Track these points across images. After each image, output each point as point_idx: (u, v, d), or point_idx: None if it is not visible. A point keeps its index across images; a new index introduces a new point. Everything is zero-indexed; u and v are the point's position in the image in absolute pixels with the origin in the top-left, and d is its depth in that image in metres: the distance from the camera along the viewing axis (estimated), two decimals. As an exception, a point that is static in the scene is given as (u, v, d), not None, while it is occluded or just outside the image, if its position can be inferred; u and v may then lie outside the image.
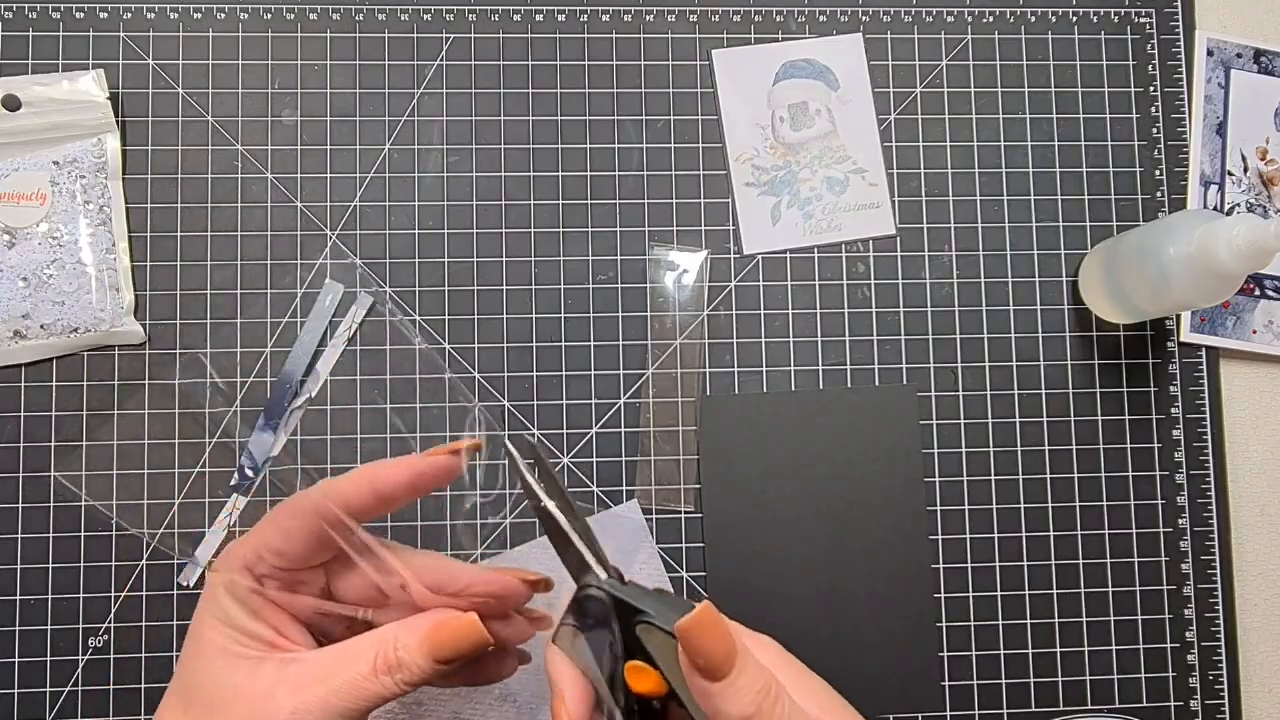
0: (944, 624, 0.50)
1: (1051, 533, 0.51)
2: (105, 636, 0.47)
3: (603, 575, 0.32)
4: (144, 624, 0.47)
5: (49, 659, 0.47)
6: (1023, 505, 0.51)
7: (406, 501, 0.35)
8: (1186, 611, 0.51)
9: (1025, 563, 0.50)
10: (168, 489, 0.48)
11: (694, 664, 0.30)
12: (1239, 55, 0.54)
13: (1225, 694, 0.50)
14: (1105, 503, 0.51)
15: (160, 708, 0.34)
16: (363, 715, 0.33)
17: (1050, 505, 0.51)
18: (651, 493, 0.49)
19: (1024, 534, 0.51)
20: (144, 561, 0.48)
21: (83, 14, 0.50)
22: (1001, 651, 0.50)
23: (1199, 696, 0.50)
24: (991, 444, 0.51)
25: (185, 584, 0.48)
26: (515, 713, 0.46)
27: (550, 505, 0.32)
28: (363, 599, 0.36)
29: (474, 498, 0.49)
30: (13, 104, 0.48)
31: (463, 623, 0.33)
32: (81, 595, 0.47)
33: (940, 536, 0.50)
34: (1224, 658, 0.51)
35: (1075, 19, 0.54)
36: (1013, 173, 0.53)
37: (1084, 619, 0.50)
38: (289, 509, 0.33)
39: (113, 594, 0.48)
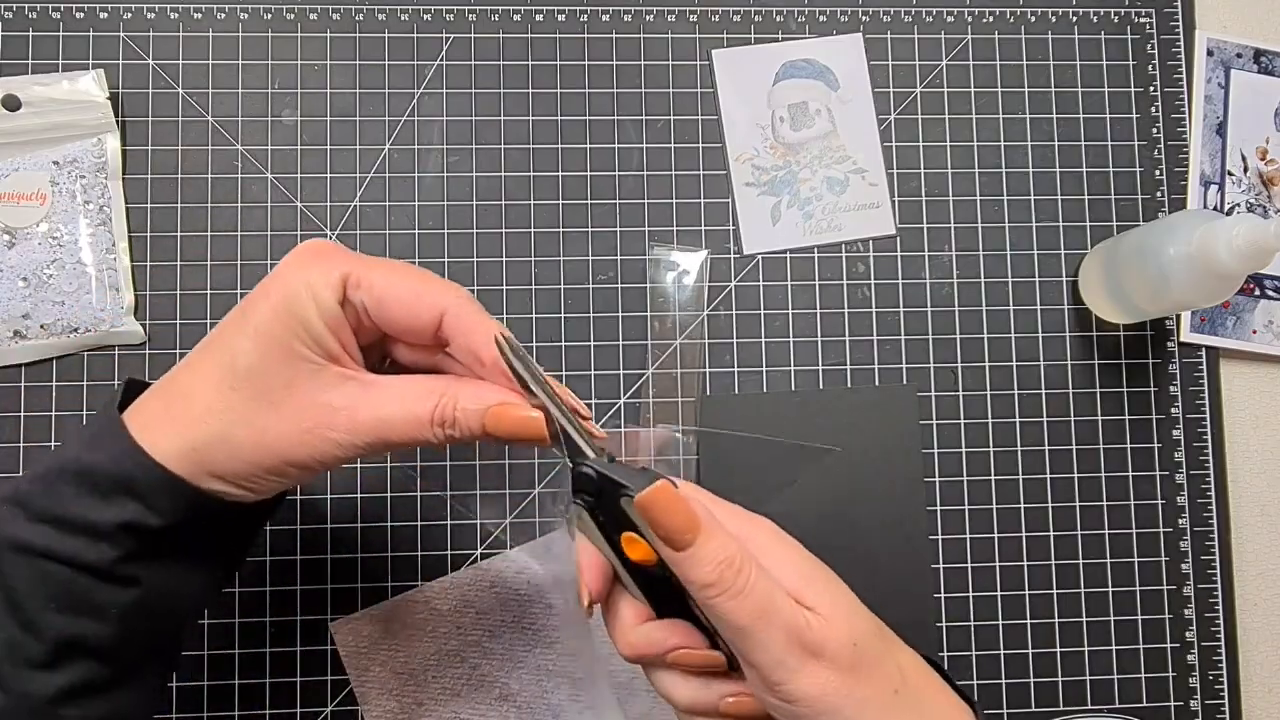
0: (944, 624, 0.50)
1: (1051, 533, 0.51)
2: (105, 636, 0.47)
3: (591, 455, 0.33)
4: (144, 624, 0.47)
5: (49, 659, 0.47)
6: (1023, 505, 0.51)
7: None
8: (1186, 611, 0.51)
9: (1025, 563, 0.50)
10: (168, 489, 0.48)
11: (657, 535, 0.31)
12: (1239, 55, 0.54)
13: (1225, 694, 0.50)
14: (1105, 503, 0.51)
15: (193, 362, 0.33)
16: (402, 449, 0.34)
17: (1050, 505, 0.51)
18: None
19: (1024, 534, 0.51)
20: (144, 561, 0.48)
21: (83, 14, 0.50)
22: (1001, 651, 0.50)
23: (1199, 696, 0.50)
24: (991, 444, 0.51)
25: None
26: (515, 713, 0.46)
27: (539, 392, 0.33)
28: (411, 364, 0.36)
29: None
30: (13, 104, 0.48)
31: (529, 416, 0.33)
32: (81, 595, 0.47)
33: (940, 536, 0.50)
34: (1224, 658, 0.51)
35: (1075, 19, 0.54)
36: (1013, 173, 0.53)
37: (1084, 619, 0.50)
38: (421, 287, 0.33)
39: (113, 594, 0.47)
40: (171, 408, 0.33)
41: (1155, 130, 0.54)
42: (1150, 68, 0.54)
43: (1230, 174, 0.54)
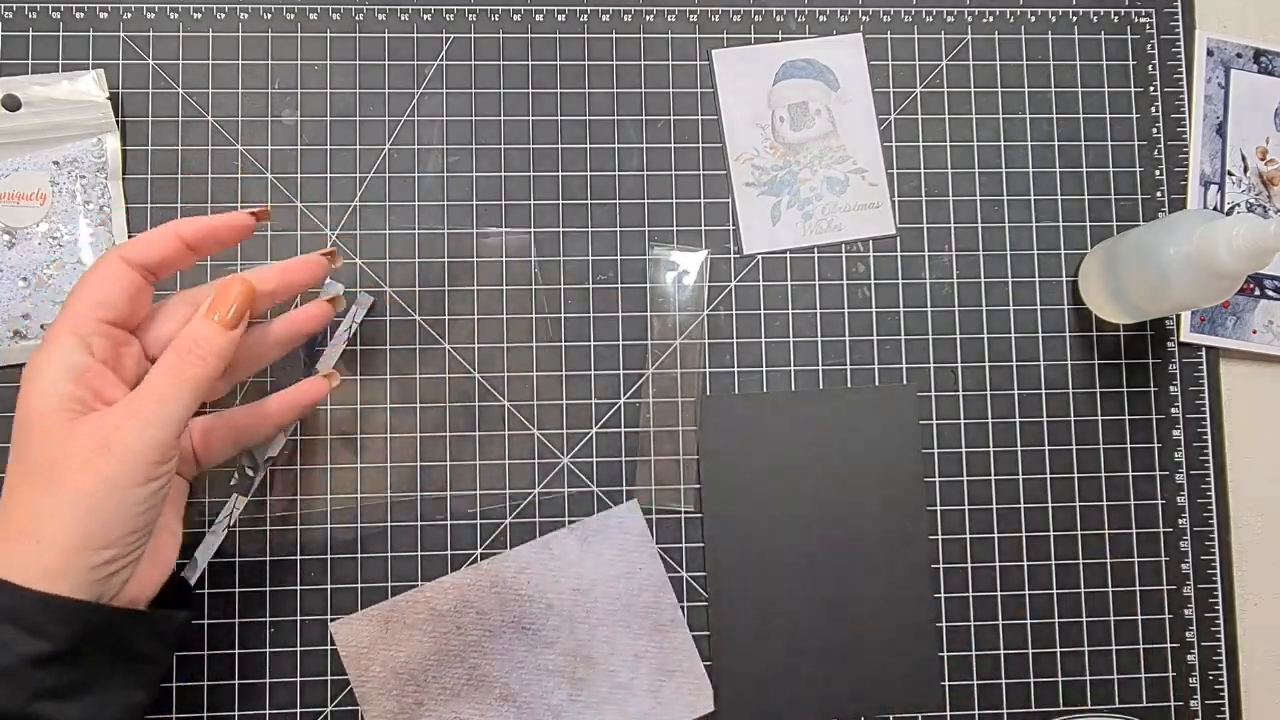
0: (944, 624, 0.50)
1: (1051, 533, 0.51)
2: (105, 636, 0.47)
3: None
4: (144, 624, 0.47)
5: (49, 659, 0.47)
6: (1023, 505, 0.51)
7: (206, 250, 0.40)
8: (1186, 611, 0.51)
9: (1025, 563, 0.51)
10: (168, 489, 0.48)
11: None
12: (1239, 55, 0.54)
13: (1225, 694, 0.50)
14: (1105, 503, 0.51)
15: (6, 485, 0.35)
16: (191, 405, 0.36)
17: (1050, 505, 0.51)
18: (651, 493, 0.49)
19: (1024, 534, 0.51)
20: (144, 561, 0.48)
21: (83, 14, 0.50)
22: (1001, 651, 0.50)
23: (1199, 696, 0.50)
24: (991, 444, 0.51)
25: (185, 584, 0.48)
26: (515, 713, 0.46)
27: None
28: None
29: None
30: (13, 104, 0.48)
31: (229, 282, 0.38)
32: (81, 595, 0.47)
33: (940, 536, 0.50)
34: (1224, 658, 0.51)
35: (1075, 19, 0.54)
36: (1013, 173, 0.53)
37: (1084, 619, 0.50)
38: (95, 269, 0.37)
39: (113, 594, 0.47)
40: (4, 529, 0.34)
41: (1155, 130, 0.54)
42: (1150, 68, 0.54)
43: (1230, 174, 0.54)
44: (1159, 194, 0.53)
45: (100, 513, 0.34)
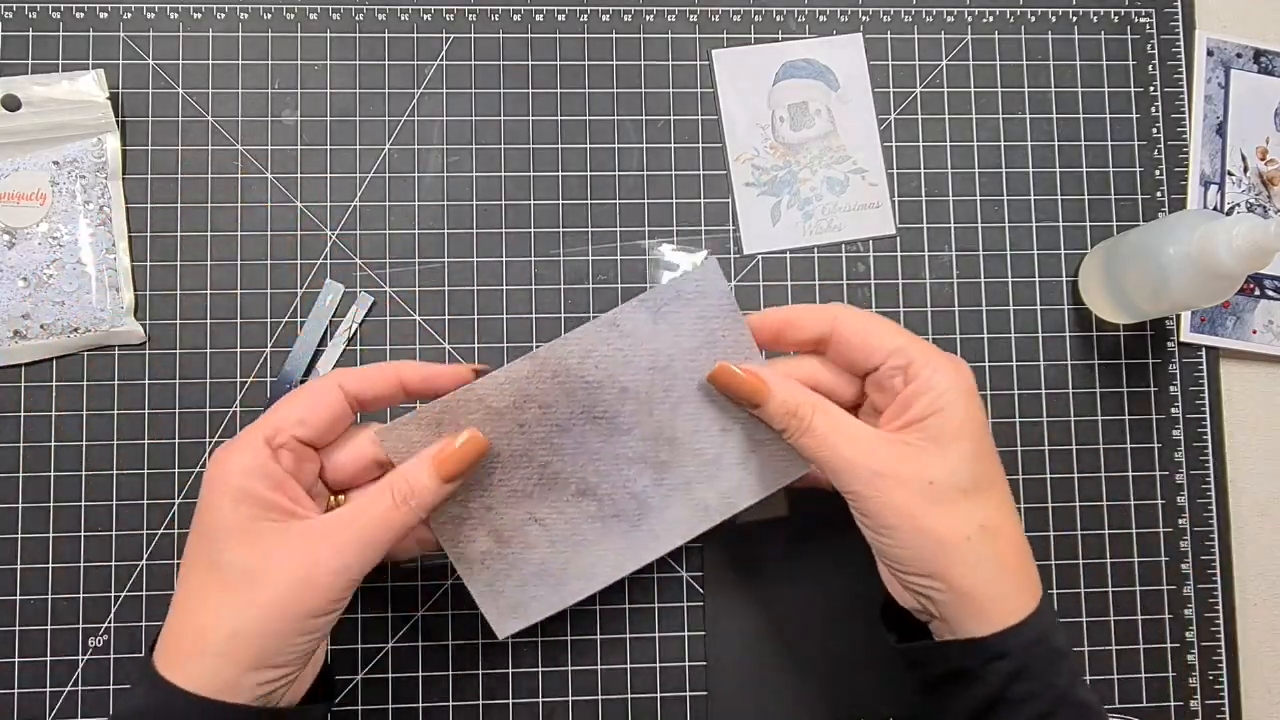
0: (944, 624, 0.50)
1: (1051, 533, 0.51)
2: (105, 636, 0.47)
3: None
4: (144, 624, 0.47)
5: (49, 659, 0.47)
6: (1023, 505, 0.51)
7: (419, 395, 0.40)
8: (1186, 611, 0.51)
9: (1025, 563, 0.50)
10: (168, 489, 0.48)
11: (739, 401, 0.40)
12: (1239, 55, 0.54)
13: (1225, 694, 0.50)
14: (1105, 503, 0.51)
15: (186, 583, 0.35)
16: (389, 547, 0.36)
17: (1050, 505, 0.51)
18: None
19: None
20: (144, 562, 0.48)
21: (83, 14, 0.50)
22: (1001, 651, 0.50)
23: (1199, 696, 0.50)
24: (991, 444, 0.51)
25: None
26: (596, 505, 0.42)
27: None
28: (352, 480, 0.39)
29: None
30: (13, 104, 0.48)
31: (463, 438, 0.38)
32: (81, 595, 0.47)
33: (940, 536, 0.50)
34: (1224, 658, 0.51)
35: (1075, 19, 0.54)
36: (1013, 173, 0.53)
37: (1084, 619, 0.50)
38: (312, 386, 0.38)
39: (112, 594, 0.48)
40: (184, 634, 0.34)
41: (1155, 130, 0.54)
42: (1150, 68, 0.54)
43: (1230, 174, 0.54)
44: (1159, 194, 0.53)
45: (285, 637, 0.34)
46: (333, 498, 0.39)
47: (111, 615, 0.47)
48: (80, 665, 0.47)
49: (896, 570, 0.37)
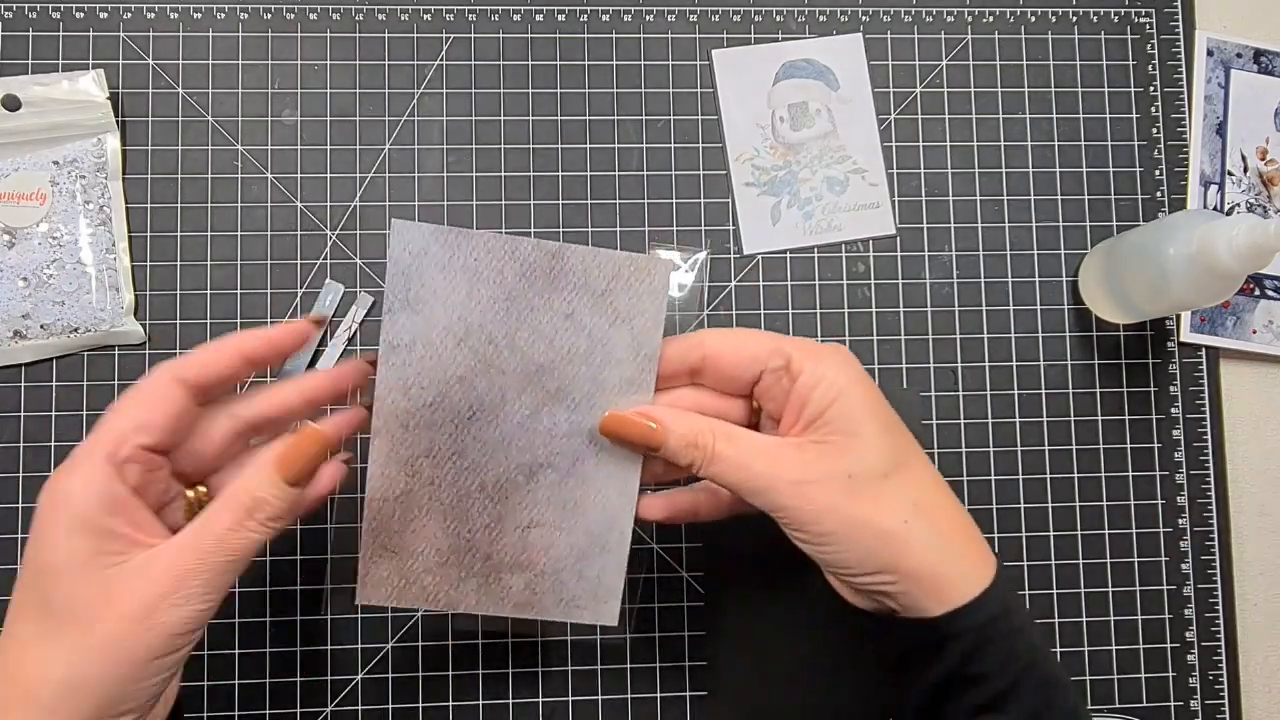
0: (944, 624, 0.50)
1: (1051, 533, 0.51)
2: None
3: None
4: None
5: (49, 659, 0.47)
6: (1023, 505, 0.51)
7: (268, 363, 0.36)
8: (1186, 611, 0.51)
9: (1025, 563, 0.51)
10: (168, 489, 0.48)
11: (634, 449, 0.37)
12: (1239, 55, 0.54)
13: (1225, 694, 0.50)
14: (1105, 503, 0.51)
15: (12, 631, 0.32)
16: (240, 569, 0.33)
17: (1050, 505, 0.51)
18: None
19: (1024, 534, 0.51)
20: (144, 561, 0.48)
21: (83, 14, 0.50)
22: (1001, 651, 0.50)
23: (1199, 696, 0.50)
24: (991, 444, 0.51)
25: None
26: (552, 474, 0.40)
27: None
28: (214, 464, 0.36)
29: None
30: (13, 104, 0.48)
31: (301, 436, 0.34)
32: (81, 595, 0.47)
33: (940, 536, 0.50)
34: (1224, 658, 0.51)
35: (1075, 19, 0.54)
36: (1013, 173, 0.53)
37: (1084, 619, 0.50)
38: (143, 386, 0.34)
39: (113, 594, 0.47)
40: (13, 687, 0.31)
41: (1155, 130, 0.54)
42: (1150, 68, 0.54)
43: (1230, 174, 0.54)
44: (1159, 194, 0.53)
45: (126, 683, 0.31)
46: (190, 492, 0.36)
47: (111, 615, 0.47)
48: (80, 665, 0.47)
49: (844, 576, 0.36)
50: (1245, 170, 0.54)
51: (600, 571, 0.40)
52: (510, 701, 0.48)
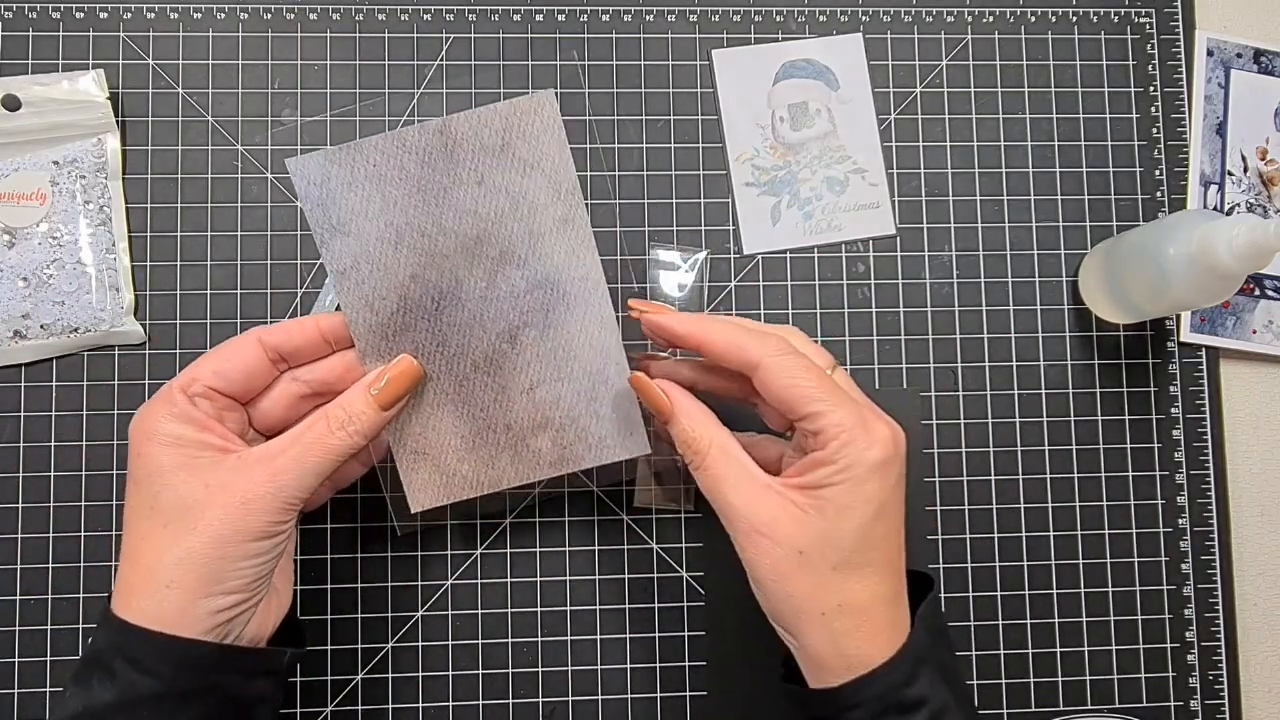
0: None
1: (1051, 533, 0.51)
2: (105, 636, 0.47)
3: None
4: (144, 624, 0.47)
5: (49, 659, 0.47)
6: (1023, 505, 0.51)
7: (344, 345, 0.40)
8: (1186, 611, 0.51)
9: (1025, 563, 0.51)
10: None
11: (649, 408, 0.39)
12: (1239, 55, 0.54)
13: (1225, 694, 0.50)
14: (1105, 503, 0.51)
15: (130, 533, 0.36)
16: (327, 471, 0.37)
17: (1050, 505, 0.51)
18: (651, 493, 0.49)
19: (1024, 534, 0.51)
20: (144, 561, 0.48)
21: (83, 14, 0.50)
22: (1001, 651, 0.50)
23: (1199, 696, 0.50)
24: (991, 444, 0.51)
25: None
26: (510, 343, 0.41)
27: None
28: (283, 422, 0.40)
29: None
30: (13, 104, 0.48)
31: (399, 365, 0.39)
32: (81, 595, 0.47)
33: (940, 537, 0.50)
34: (1224, 658, 0.51)
35: (1075, 19, 0.54)
36: (1013, 173, 0.53)
37: (1084, 619, 0.50)
38: (230, 341, 0.39)
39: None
40: (133, 576, 0.35)
41: (1155, 130, 0.54)
42: (1150, 68, 0.54)
43: (1230, 174, 0.54)
44: (1159, 194, 0.53)
45: (229, 560, 0.35)
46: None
47: (111, 615, 0.47)
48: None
49: (763, 608, 0.38)
50: (1245, 170, 0.54)
51: (613, 406, 0.41)
52: (510, 701, 0.48)
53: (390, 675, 0.48)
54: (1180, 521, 0.51)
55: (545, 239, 0.40)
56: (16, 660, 0.47)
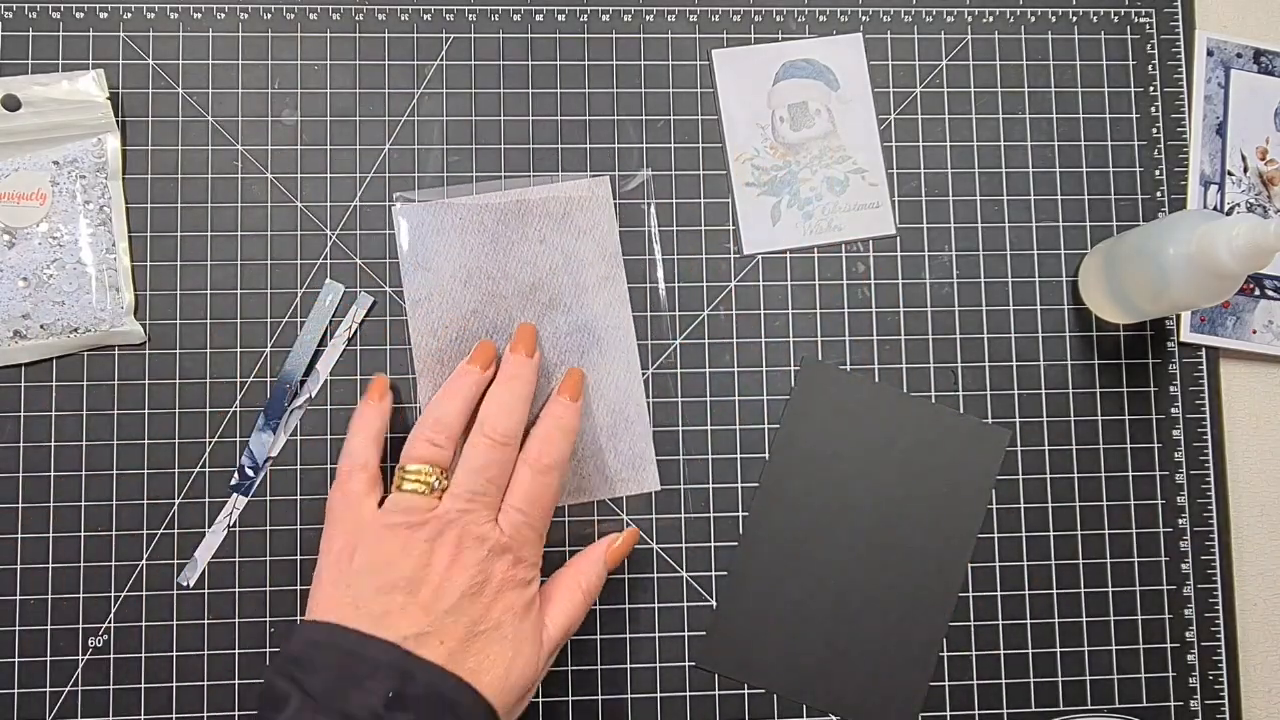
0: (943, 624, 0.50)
1: (1051, 533, 0.51)
2: (105, 636, 0.47)
3: None
4: (144, 624, 0.47)
5: (49, 659, 0.47)
6: (1023, 505, 0.51)
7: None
8: (1186, 611, 0.51)
9: (1025, 563, 0.51)
10: (168, 489, 0.48)
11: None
12: (1239, 55, 0.54)
13: (1225, 694, 0.50)
14: (1105, 503, 0.51)
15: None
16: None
17: (1050, 505, 0.51)
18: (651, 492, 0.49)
19: (1024, 534, 0.51)
20: (144, 561, 0.48)
21: (83, 14, 0.50)
22: (1001, 651, 0.50)
23: (1199, 696, 0.50)
24: (991, 444, 0.51)
25: (185, 584, 0.48)
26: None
27: None
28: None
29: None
30: (13, 104, 0.48)
31: (626, 535, 0.46)
32: (81, 595, 0.47)
33: (940, 536, 0.50)
34: (1224, 658, 0.51)
35: (1075, 19, 0.54)
36: (1013, 173, 0.53)
37: (1084, 619, 0.50)
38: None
39: (113, 594, 0.48)
40: (491, 673, 0.40)
41: (1155, 130, 0.54)
42: (1150, 68, 0.54)
43: (1230, 174, 0.54)
44: (1159, 194, 0.53)
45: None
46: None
47: (111, 615, 0.47)
48: (80, 665, 0.47)
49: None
50: (1245, 170, 0.54)
51: (631, 444, 0.48)
52: (510, 701, 0.48)
53: (390, 675, 0.48)
54: (1180, 521, 0.51)
55: (588, 292, 0.49)
56: (16, 660, 0.47)
